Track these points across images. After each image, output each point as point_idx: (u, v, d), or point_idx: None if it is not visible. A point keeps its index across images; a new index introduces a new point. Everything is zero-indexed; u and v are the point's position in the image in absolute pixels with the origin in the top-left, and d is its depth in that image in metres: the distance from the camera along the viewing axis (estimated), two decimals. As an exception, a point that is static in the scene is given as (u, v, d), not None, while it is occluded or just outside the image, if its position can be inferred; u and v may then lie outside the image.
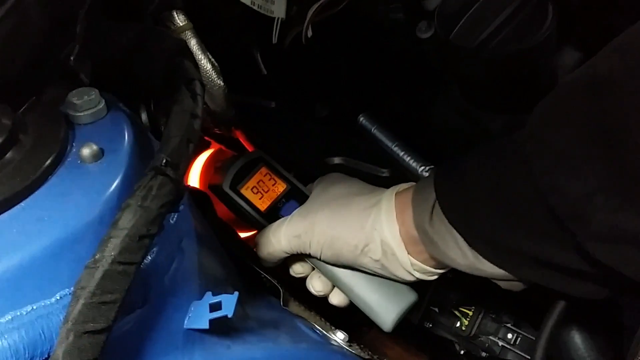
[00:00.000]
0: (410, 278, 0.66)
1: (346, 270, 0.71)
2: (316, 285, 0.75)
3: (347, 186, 0.73)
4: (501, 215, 0.56)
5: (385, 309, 0.71)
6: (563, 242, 0.51)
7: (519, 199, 0.54)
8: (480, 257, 0.59)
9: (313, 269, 0.75)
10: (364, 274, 0.71)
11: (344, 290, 0.73)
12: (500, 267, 0.59)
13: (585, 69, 0.48)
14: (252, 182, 0.76)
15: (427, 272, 0.66)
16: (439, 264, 0.64)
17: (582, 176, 0.46)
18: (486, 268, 0.60)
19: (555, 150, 0.48)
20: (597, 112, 0.45)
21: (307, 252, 0.70)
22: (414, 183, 0.67)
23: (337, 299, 0.75)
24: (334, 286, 0.75)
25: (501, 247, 0.57)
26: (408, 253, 0.64)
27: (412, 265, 0.65)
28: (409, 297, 0.72)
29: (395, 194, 0.66)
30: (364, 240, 0.65)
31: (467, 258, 0.60)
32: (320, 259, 0.70)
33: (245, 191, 0.75)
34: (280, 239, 0.71)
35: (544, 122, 0.51)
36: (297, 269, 0.75)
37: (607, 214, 0.45)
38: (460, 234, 0.59)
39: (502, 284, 0.66)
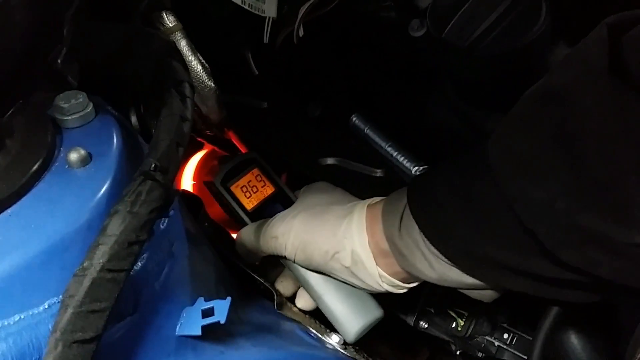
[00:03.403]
0: (379, 288, 0.67)
1: (318, 276, 0.72)
2: (285, 286, 0.77)
3: (329, 195, 0.74)
4: (474, 226, 0.56)
5: (349, 321, 0.71)
6: (535, 250, 0.51)
7: (489, 208, 0.54)
8: (450, 268, 0.59)
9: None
10: (334, 283, 0.71)
11: (313, 295, 0.74)
12: (480, 280, 0.59)
13: (544, 79, 0.50)
14: (242, 181, 0.78)
15: (396, 286, 0.66)
16: (408, 277, 0.65)
17: (544, 182, 0.47)
18: (454, 278, 0.60)
19: (517, 157, 0.49)
20: (555, 120, 0.47)
21: (283, 254, 0.70)
22: (385, 197, 0.67)
23: (301, 302, 0.76)
24: (299, 288, 0.76)
25: (480, 259, 0.57)
26: (377, 265, 0.65)
27: (380, 277, 0.65)
28: (375, 313, 0.72)
29: (367, 206, 0.67)
30: (334, 247, 0.66)
31: (434, 270, 0.60)
32: (294, 262, 0.70)
33: (235, 189, 0.77)
34: (258, 238, 0.72)
35: (506, 130, 0.52)
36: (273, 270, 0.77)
37: (570, 217, 0.46)
38: (437, 248, 0.59)
39: (471, 293, 0.66)
